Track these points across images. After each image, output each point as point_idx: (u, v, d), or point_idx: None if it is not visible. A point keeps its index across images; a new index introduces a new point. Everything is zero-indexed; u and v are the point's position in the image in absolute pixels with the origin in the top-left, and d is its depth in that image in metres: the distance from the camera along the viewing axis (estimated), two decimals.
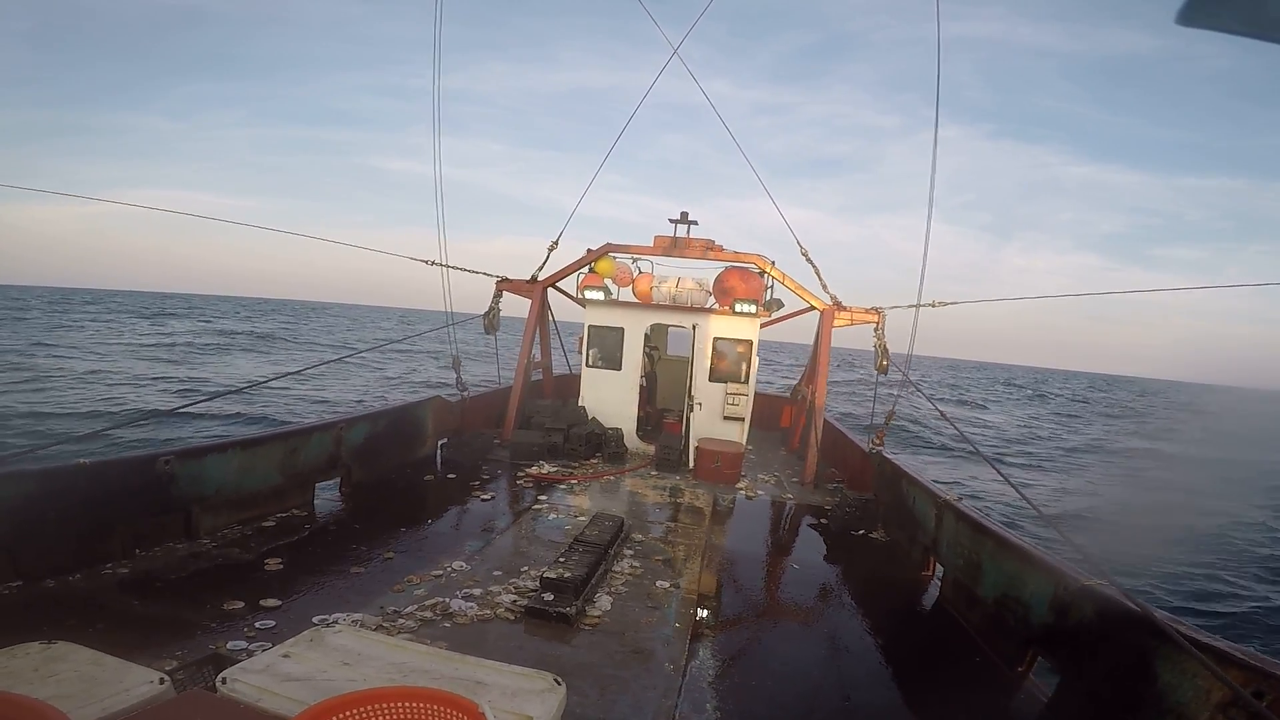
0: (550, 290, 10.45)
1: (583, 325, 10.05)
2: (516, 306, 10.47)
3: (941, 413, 7.17)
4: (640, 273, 10.42)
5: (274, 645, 2.52)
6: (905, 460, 7.71)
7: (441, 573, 4.95)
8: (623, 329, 9.83)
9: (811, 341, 10.31)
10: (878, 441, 8.07)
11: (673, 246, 9.87)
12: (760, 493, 8.25)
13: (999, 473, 5.49)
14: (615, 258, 10.05)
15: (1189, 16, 1.17)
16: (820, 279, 9.52)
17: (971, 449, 5.81)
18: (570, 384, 11.16)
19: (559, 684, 2.34)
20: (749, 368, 9.68)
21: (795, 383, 12.35)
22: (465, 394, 9.51)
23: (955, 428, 6.92)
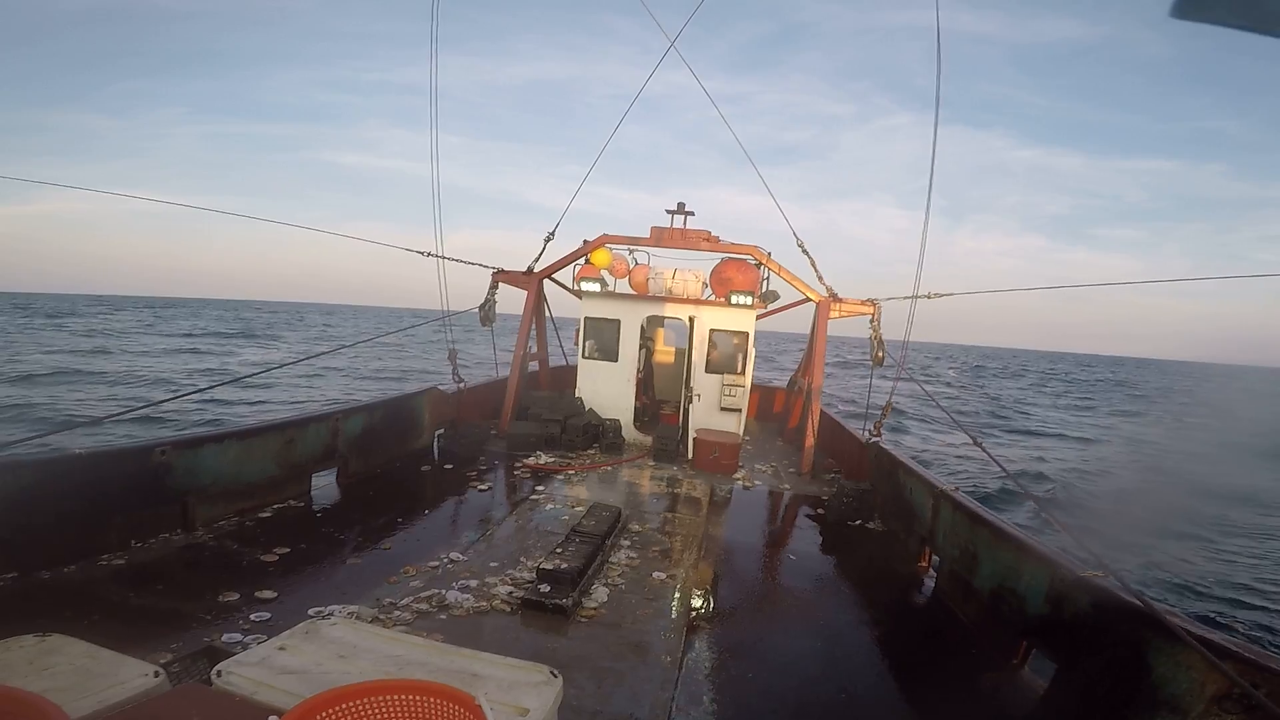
0: (546, 282, 10.43)
1: (579, 317, 10.04)
2: (512, 304, 10.44)
3: (941, 406, 7.16)
4: (636, 264, 10.40)
5: (269, 638, 2.51)
6: (903, 450, 7.72)
7: (438, 564, 4.96)
8: (619, 320, 9.81)
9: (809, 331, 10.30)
10: (875, 432, 8.09)
11: (669, 238, 9.84)
12: (757, 483, 8.26)
13: (997, 463, 5.51)
14: (611, 249, 10.02)
15: (1184, 10, 1.17)
16: (816, 270, 9.51)
17: (974, 442, 5.83)
18: (567, 375, 11.15)
19: (555, 676, 2.34)
20: (746, 359, 9.68)
21: (792, 373, 12.37)
22: (462, 385, 9.49)
23: (956, 421, 6.92)
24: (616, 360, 9.87)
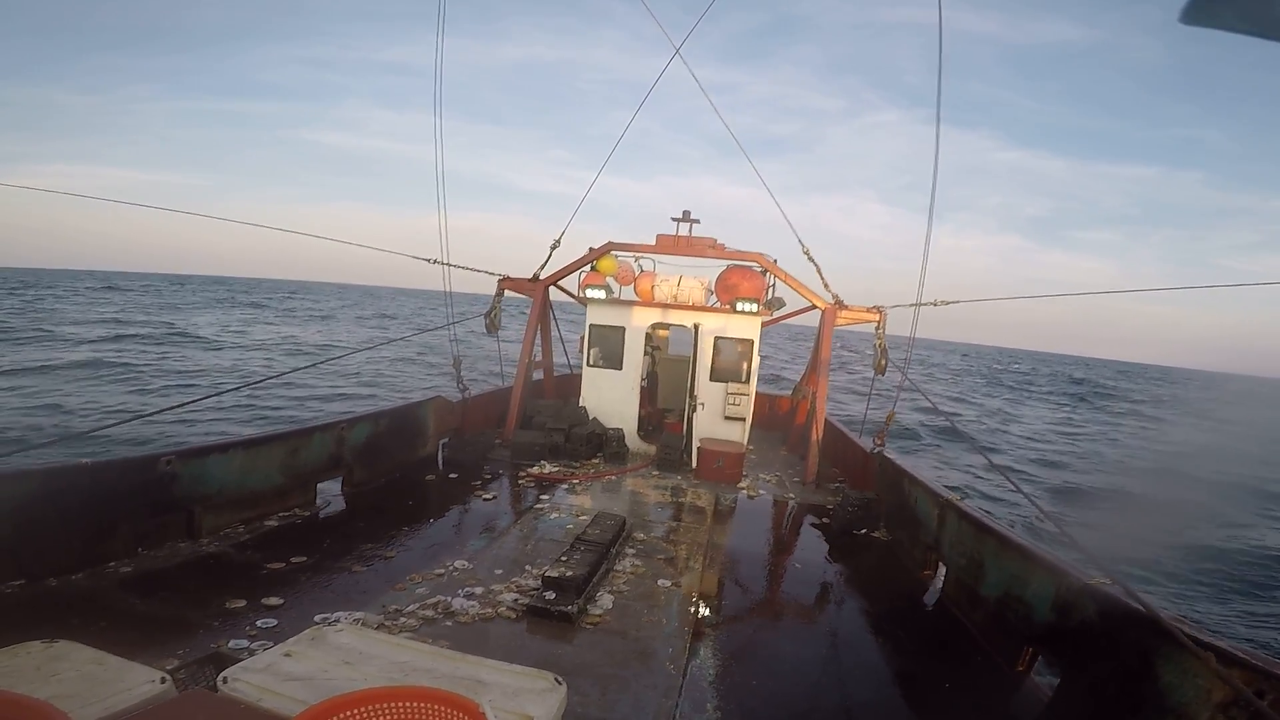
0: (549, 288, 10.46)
1: (583, 317, 10.05)
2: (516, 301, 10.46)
3: (943, 413, 7.16)
4: (641, 271, 10.41)
5: (276, 644, 2.52)
6: (907, 459, 7.70)
7: (443, 572, 4.96)
8: (624, 328, 9.83)
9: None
10: (879, 441, 8.06)
11: (675, 245, 9.86)
12: (762, 492, 8.24)
13: (997, 468, 5.50)
14: (617, 256, 10.05)
15: (1193, 15, 1.17)
16: (822, 277, 9.50)
17: (979, 446, 5.83)
18: (571, 384, 11.15)
19: (560, 683, 2.34)
20: (750, 367, 9.67)
21: (797, 381, 12.35)
22: (466, 394, 9.51)
23: (956, 427, 6.92)
24: (621, 368, 9.88)
